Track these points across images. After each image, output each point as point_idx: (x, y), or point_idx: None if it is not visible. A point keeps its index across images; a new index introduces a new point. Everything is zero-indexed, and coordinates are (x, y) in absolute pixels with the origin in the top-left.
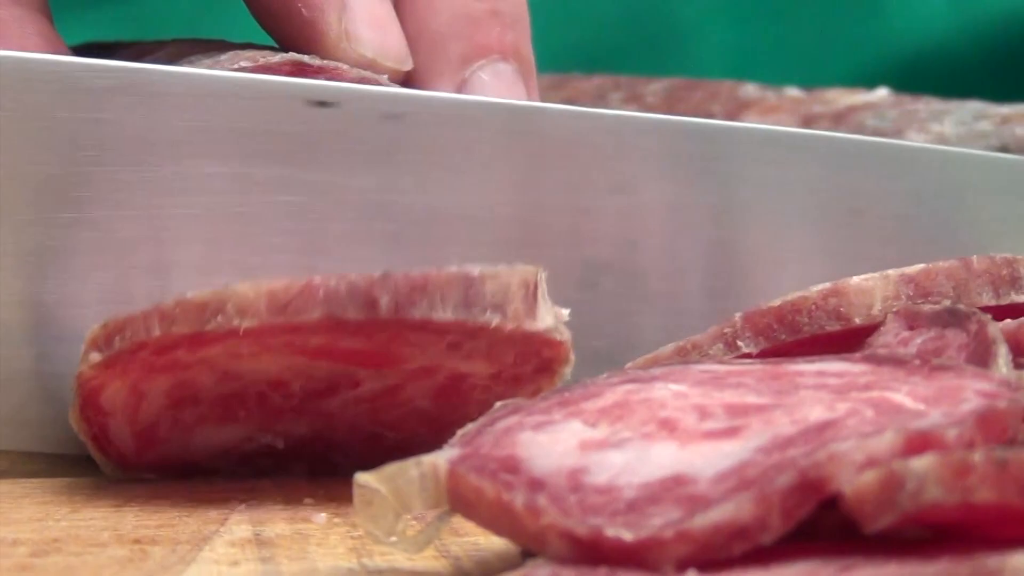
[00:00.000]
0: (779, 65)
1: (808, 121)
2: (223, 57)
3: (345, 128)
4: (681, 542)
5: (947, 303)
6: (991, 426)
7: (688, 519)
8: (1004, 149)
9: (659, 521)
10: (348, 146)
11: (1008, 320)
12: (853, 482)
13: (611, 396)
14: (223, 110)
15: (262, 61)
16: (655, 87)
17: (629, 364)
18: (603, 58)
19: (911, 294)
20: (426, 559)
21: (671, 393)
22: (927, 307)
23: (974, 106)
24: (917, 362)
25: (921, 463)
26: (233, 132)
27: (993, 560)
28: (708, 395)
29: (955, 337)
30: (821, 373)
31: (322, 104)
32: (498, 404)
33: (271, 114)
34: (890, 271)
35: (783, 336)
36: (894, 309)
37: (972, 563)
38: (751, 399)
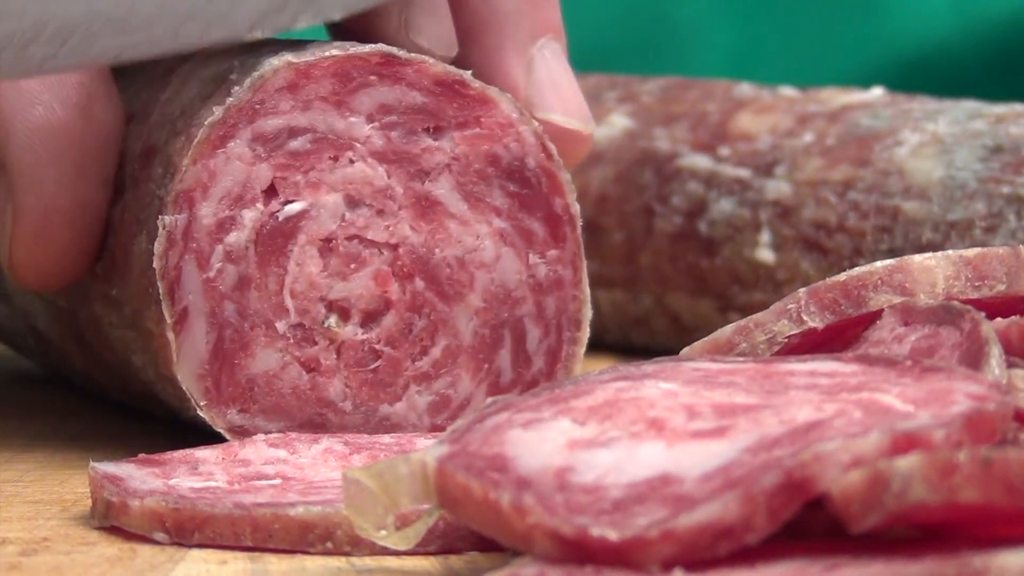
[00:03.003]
0: (778, 65)
1: (803, 120)
2: (309, 47)
3: None
4: (666, 542)
5: (1001, 287)
6: (979, 428)
7: (673, 519)
8: (998, 148)
9: (645, 521)
10: None
11: (999, 319)
12: (839, 482)
13: (601, 394)
14: None
15: (352, 51)
16: (650, 86)
17: (685, 349)
18: (600, 58)
19: (970, 276)
20: (415, 558)
21: (661, 392)
22: (923, 303)
23: (969, 105)
24: (908, 363)
25: (906, 463)
26: None
27: (979, 559)
28: (698, 394)
29: (949, 336)
30: (812, 373)
31: None
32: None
33: None
34: (949, 252)
35: (849, 310)
36: (954, 289)
37: (958, 562)
38: (740, 399)
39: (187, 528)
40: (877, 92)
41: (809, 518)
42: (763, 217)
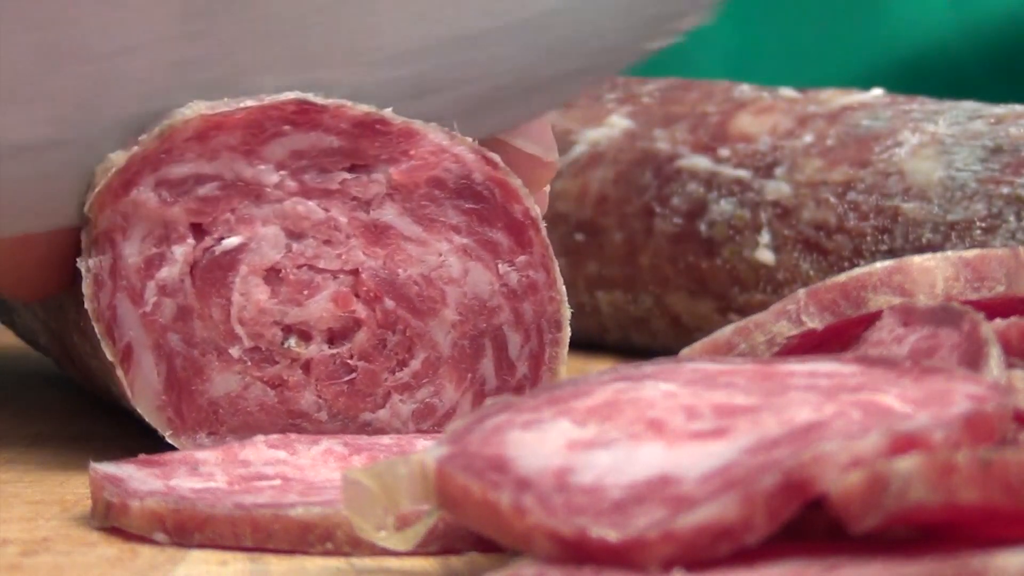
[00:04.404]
0: (778, 66)
1: (803, 121)
2: (225, 98)
3: None
4: (666, 542)
5: (1000, 289)
6: (979, 429)
7: (673, 519)
8: (998, 149)
9: (644, 521)
10: None
11: (999, 320)
12: (838, 483)
13: (601, 395)
14: None
15: (267, 101)
16: (650, 87)
17: (685, 349)
18: None
19: (969, 277)
20: (414, 558)
21: (661, 393)
22: (922, 304)
23: (969, 106)
24: (908, 364)
25: (906, 463)
26: None
27: (977, 560)
28: (697, 395)
29: (948, 336)
30: (812, 374)
31: None
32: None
33: None
34: (949, 253)
35: (849, 311)
36: (953, 290)
37: (956, 563)
38: (740, 400)
39: (187, 529)
40: (877, 93)
41: (809, 518)
42: (763, 218)
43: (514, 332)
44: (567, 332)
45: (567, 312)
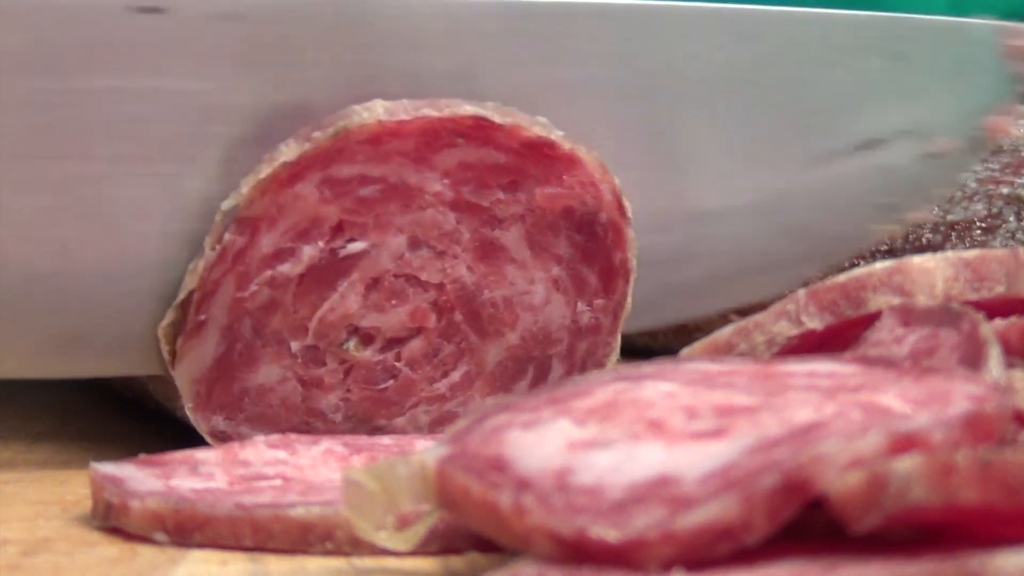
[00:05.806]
0: None
1: None
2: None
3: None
4: (665, 542)
5: (1000, 289)
6: (978, 429)
7: (672, 519)
8: (998, 149)
9: (644, 521)
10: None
11: (998, 320)
12: (837, 483)
13: (601, 395)
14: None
15: (446, 112)
16: None
17: (685, 350)
18: None
19: (969, 277)
20: (415, 558)
21: (660, 393)
22: (922, 304)
23: None
24: (908, 364)
25: (905, 464)
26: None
27: (976, 560)
28: (697, 395)
29: (948, 337)
30: (812, 374)
31: (151, 10)
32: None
33: (99, 24)
34: (949, 253)
35: (848, 311)
36: (953, 290)
37: (956, 563)
38: (739, 399)
39: (187, 529)
40: None
41: (809, 518)
42: None
43: (560, 364)
44: None
45: (615, 359)
